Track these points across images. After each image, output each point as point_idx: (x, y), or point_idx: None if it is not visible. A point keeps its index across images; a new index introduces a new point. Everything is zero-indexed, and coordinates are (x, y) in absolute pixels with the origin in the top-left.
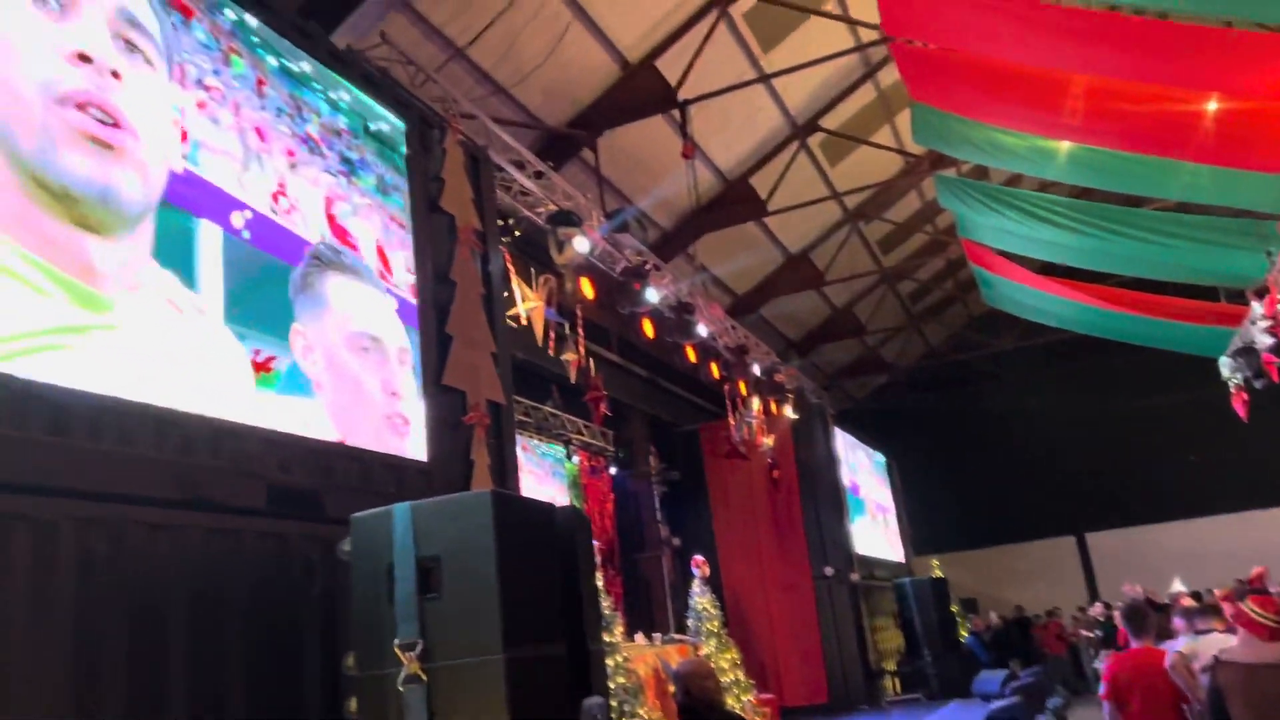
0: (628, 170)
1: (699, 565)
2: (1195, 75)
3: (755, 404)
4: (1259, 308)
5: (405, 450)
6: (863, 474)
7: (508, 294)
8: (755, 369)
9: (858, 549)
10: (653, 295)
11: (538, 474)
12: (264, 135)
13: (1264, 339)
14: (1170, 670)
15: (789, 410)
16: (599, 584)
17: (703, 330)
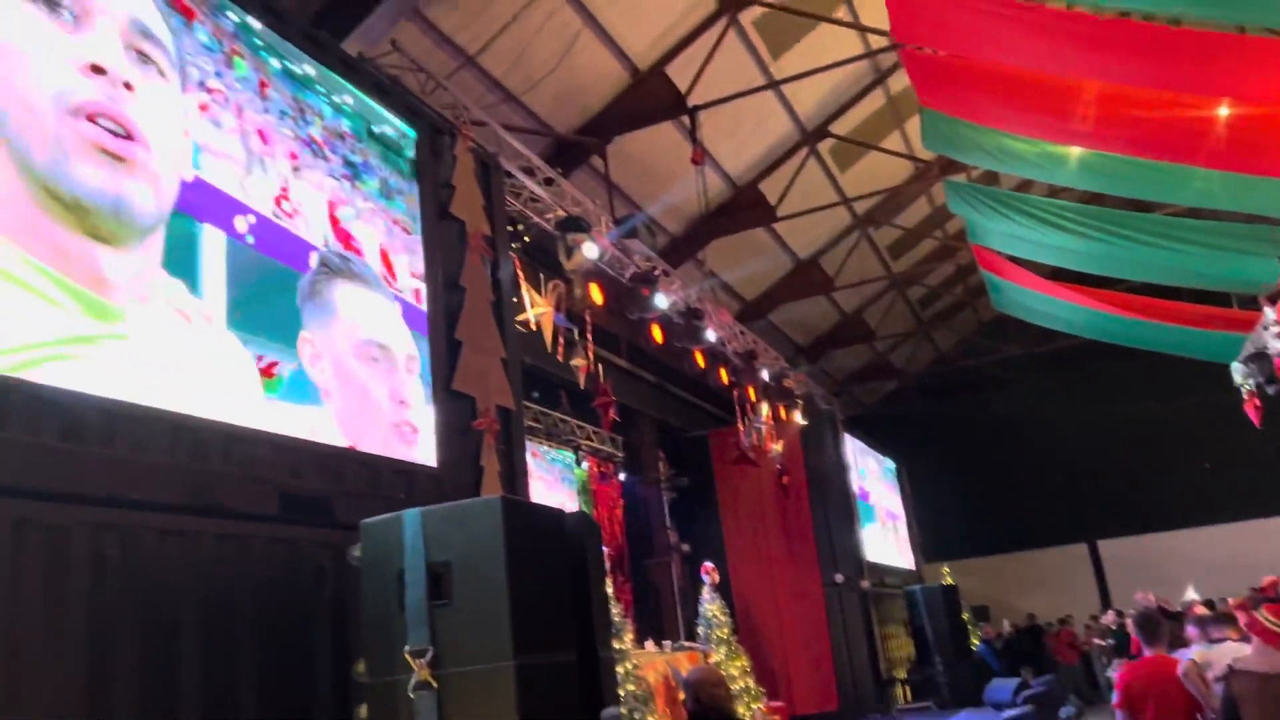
0: (637, 176)
1: (708, 572)
2: (1207, 81)
3: (764, 410)
4: (1271, 313)
5: (413, 458)
6: (872, 480)
7: (517, 300)
8: (764, 375)
9: (868, 555)
10: (662, 301)
11: (547, 479)
12: (267, 138)
13: (1276, 344)
14: (1183, 678)
15: (798, 416)
16: (608, 590)
17: (711, 336)
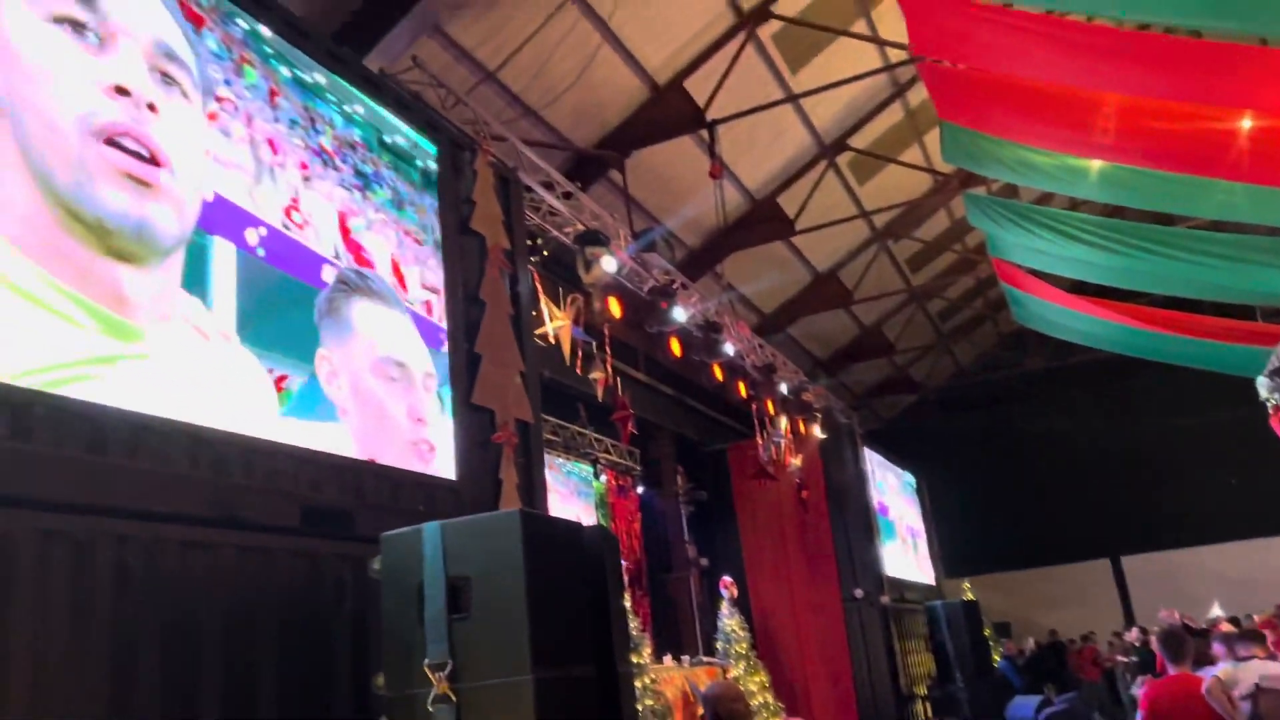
0: (655, 190)
1: (727, 586)
2: (1229, 93)
3: (783, 423)
4: None
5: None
6: (891, 495)
7: (536, 313)
8: (783, 388)
9: (888, 570)
10: (680, 314)
11: (562, 492)
12: (277, 148)
13: None
14: (1207, 695)
15: (817, 430)
16: (627, 604)
17: (730, 349)
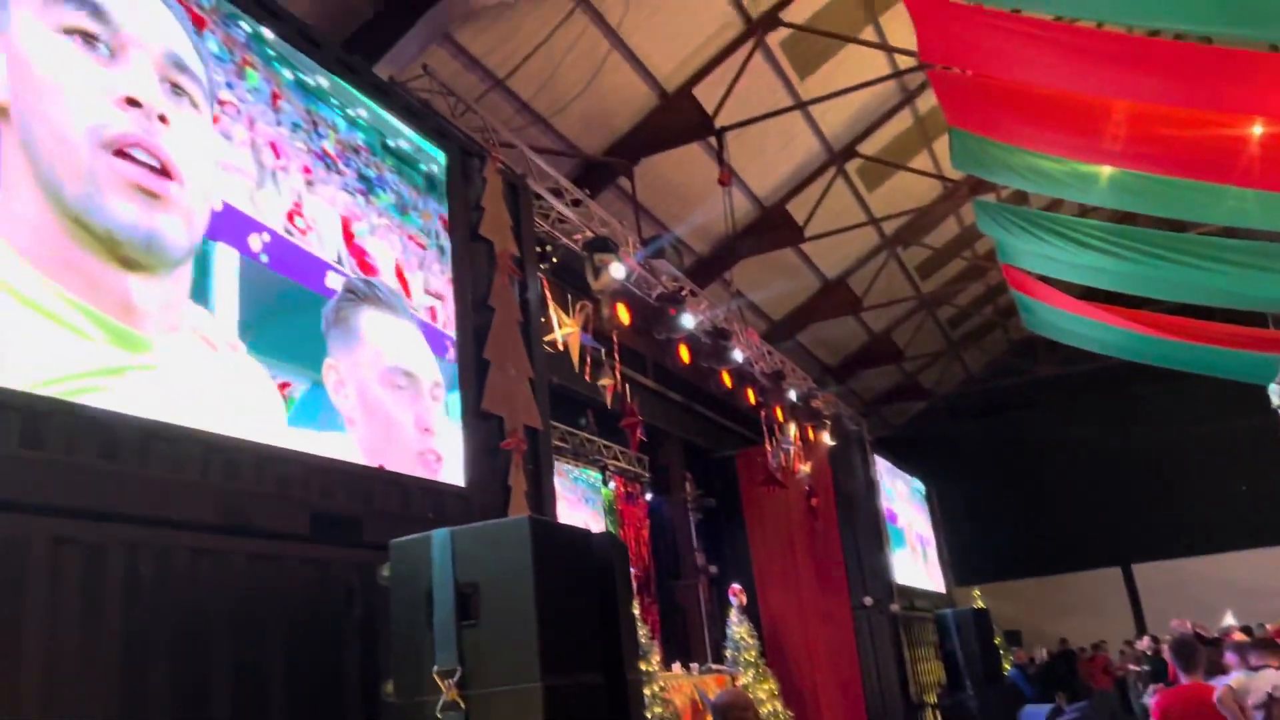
0: (664, 197)
1: (736, 594)
2: (1239, 99)
3: (792, 430)
4: None
5: None
6: (900, 502)
7: (545, 320)
8: (792, 395)
9: (898, 578)
10: (689, 321)
11: (570, 499)
12: (279, 151)
13: None
14: (1218, 704)
15: (826, 437)
16: (636, 612)
17: (739, 356)
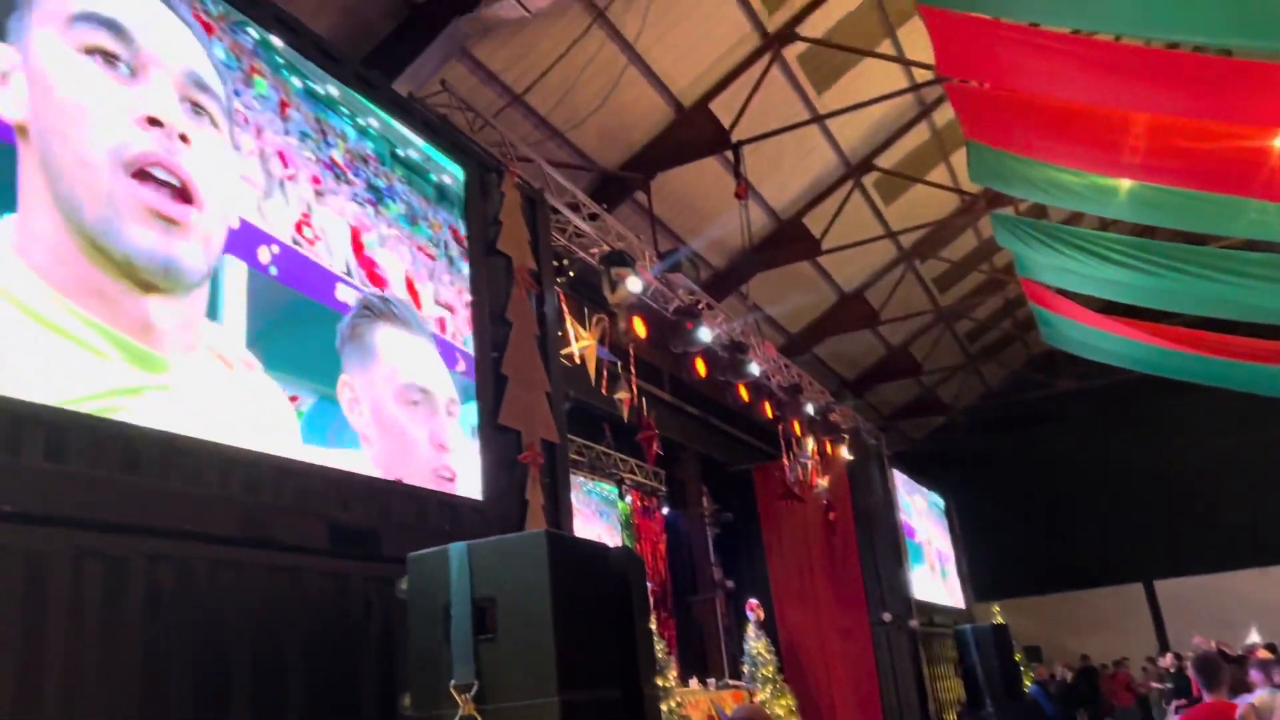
0: (681, 211)
1: (754, 609)
2: (1260, 112)
3: (810, 444)
4: None
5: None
6: (918, 517)
7: (562, 334)
8: (809, 409)
9: (916, 594)
10: (705, 334)
11: (585, 513)
12: (287, 161)
13: None
14: None
15: (844, 451)
16: (653, 627)
17: (755, 369)
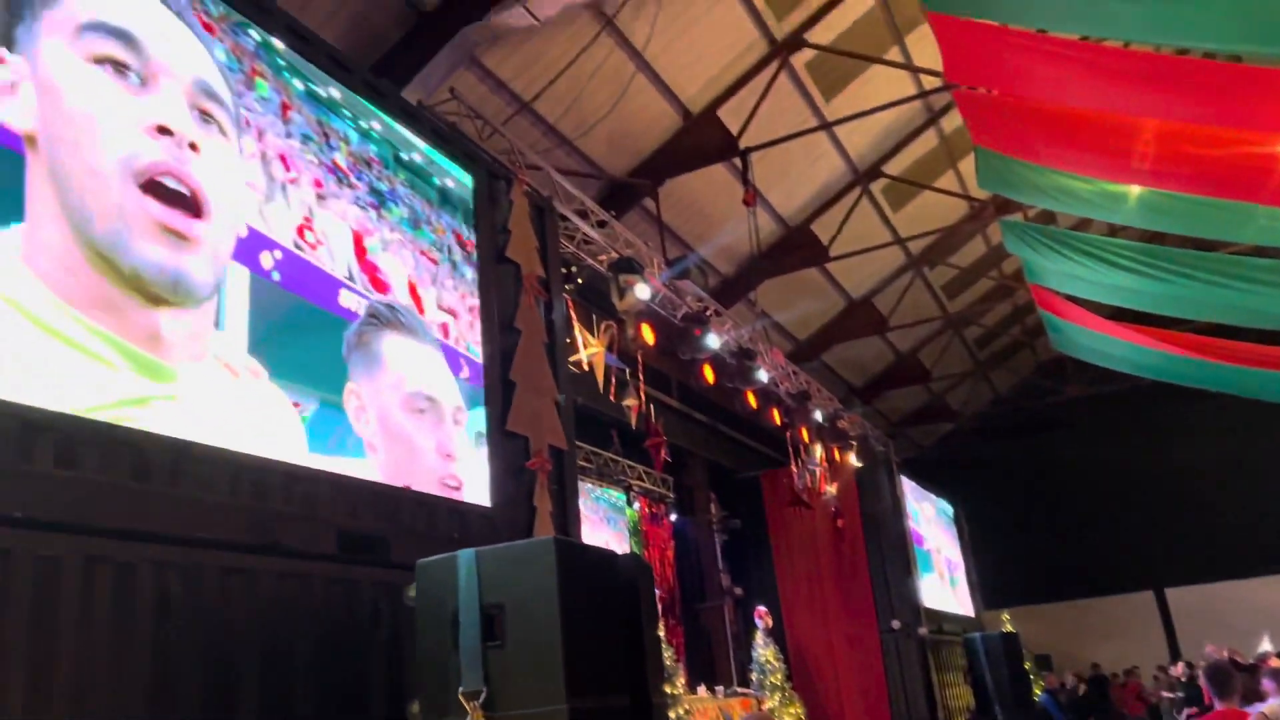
0: (689, 218)
1: (762, 616)
2: (1269, 118)
3: (818, 451)
4: None
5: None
6: (927, 524)
7: (570, 340)
8: (817, 415)
9: (925, 602)
10: (713, 341)
11: (593, 519)
12: (289, 164)
13: None
14: None
15: (853, 458)
16: (661, 634)
17: (764, 376)
